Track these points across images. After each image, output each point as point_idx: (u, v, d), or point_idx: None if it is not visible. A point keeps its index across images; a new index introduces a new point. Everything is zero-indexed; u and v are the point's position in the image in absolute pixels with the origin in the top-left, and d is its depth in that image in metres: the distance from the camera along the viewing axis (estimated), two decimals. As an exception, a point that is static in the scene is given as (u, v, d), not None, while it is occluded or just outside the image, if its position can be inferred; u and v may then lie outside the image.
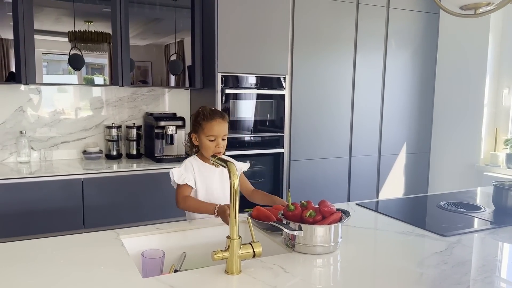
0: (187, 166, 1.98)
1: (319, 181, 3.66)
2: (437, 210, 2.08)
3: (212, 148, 1.91)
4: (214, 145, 1.91)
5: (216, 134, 1.90)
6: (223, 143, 1.93)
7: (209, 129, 1.91)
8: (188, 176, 1.94)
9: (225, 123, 1.95)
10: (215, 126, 1.91)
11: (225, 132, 1.94)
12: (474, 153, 3.86)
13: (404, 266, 1.40)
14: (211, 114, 1.94)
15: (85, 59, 3.04)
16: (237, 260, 1.30)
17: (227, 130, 1.96)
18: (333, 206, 1.54)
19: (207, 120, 1.93)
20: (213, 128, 1.90)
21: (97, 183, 2.89)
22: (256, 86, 3.34)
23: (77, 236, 1.64)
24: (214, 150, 1.91)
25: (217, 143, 1.91)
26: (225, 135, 1.94)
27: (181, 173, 1.95)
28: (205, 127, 1.92)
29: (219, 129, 1.91)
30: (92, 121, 3.43)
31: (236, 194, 1.29)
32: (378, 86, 3.88)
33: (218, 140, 1.91)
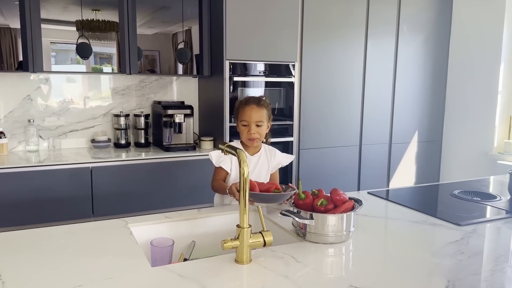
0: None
1: (329, 170, 3.62)
2: (451, 199, 2.03)
3: (245, 133, 1.95)
4: (246, 130, 1.94)
5: (248, 119, 1.93)
6: (257, 130, 1.95)
7: (241, 114, 1.97)
8: (225, 159, 1.97)
9: (260, 109, 1.96)
10: (247, 111, 1.94)
11: (260, 118, 1.94)
12: (487, 141, 3.79)
13: (418, 256, 1.37)
14: (246, 100, 1.99)
15: (93, 48, 3.01)
16: (248, 249, 1.28)
17: (265, 117, 1.97)
18: (345, 195, 1.50)
19: (241, 106, 1.99)
20: (245, 113, 1.95)
21: (105, 172, 2.88)
22: (265, 73, 3.30)
23: (86, 224, 1.62)
24: (246, 136, 1.95)
25: (249, 129, 1.94)
26: (260, 121, 1.95)
27: (219, 156, 1.99)
28: (239, 112, 1.98)
29: (251, 114, 1.94)
30: (100, 109, 3.42)
31: (246, 182, 1.25)
32: (390, 73, 3.81)
33: (250, 126, 1.94)
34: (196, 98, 3.67)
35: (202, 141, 3.33)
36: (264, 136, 2.00)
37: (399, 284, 1.17)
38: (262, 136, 1.97)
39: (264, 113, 1.95)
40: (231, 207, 1.89)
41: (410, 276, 1.22)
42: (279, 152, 2.11)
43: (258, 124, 1.94)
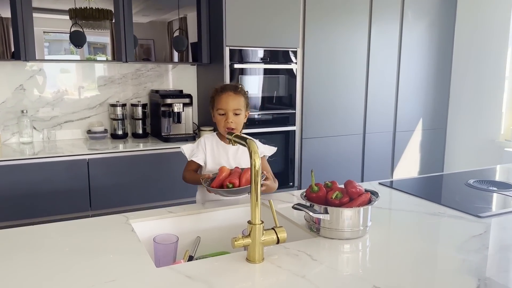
0: (200, 143, 1.92)
1: (332, 159, 3.52)
2: (467, 189, 1.95)
3: (222, 123, 1.83)
4: (223, 119, 1.82)
5: (225, 108, 1.80)
6: (235, 119, 1.82)
7: (218, 102, 1.83)
8: (198, 153, 1.88)
9: (237, 96, 1.83)
10: (224, 98, 1.82)
11: (237, 106, 1.81)
12: (493, 128, 3.70)
13: (442, 251, 1.28)
14: (223, 87, 1.86)
15: (87, 37, 2.89)
16: (260, 247, 1.18)
17: (243, 105, 1.84)
18: (361, 187, 1.41)
19: (217, 93, 1.86)
20: (221, 101, 1.82)
21: (103, 164, 2.78)
22: (266, 60, 3.18)
23: (84, 221, 1.52)
24: (224, 125, 1.82)
25: (226, 117, 1.81)
26: (238, 110, 1.82)
27: (192, 149, 1.90)
28: (216, 100, 1.85)
29: (227, 101, 1.81)
30: (96, 99, 3.30)
31: (257, 175, 1.16)
32: (394, 59, 3.70)
33: (228, 114, 1.81)
34: (195, 87, 3.56)
35: (202, 131, 3.23)
36: (242, 126, 1.87)
37: (426, 284, 1.09)
38: (240, 126, 1.85)
39: (242, 101, 1.83)
40: (238, 199, 1.79)
41: (436, 274, 1.13)
42: (260, 143, 1.93)
43: (236, 113, 1.81)
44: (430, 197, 1.79)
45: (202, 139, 1.93)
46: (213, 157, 1.89)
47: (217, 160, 1.88)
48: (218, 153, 1.89)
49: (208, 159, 1.88)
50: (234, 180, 1.61)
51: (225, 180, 1.63)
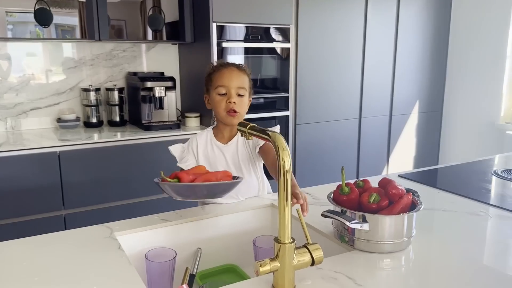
0: (191, 144, 1.58)
1: (327, 145, 3.28)
2: (498, 181, 1.73)
3: (223, 104, 1.48)
4: (224, 100, 1.48)
5: (227, 84, 1.47)
6: (239, 100, 1.48)
7: (218, 79, 1.49)
8: (187, 157, 1.54)
9: (241, 73, 1.51)
10: (226, 74, 1.48)
11: (241, 84, 1.49)
12: (493, 110, 3.53)
13: (504, 267, 1.04)
14: (223, 63, 1.53)
15: (54, 17, 2.53)
16: (291, 272, 0.92)
17: (247, 86, 1.52)
18: (401, 186, 1.16)
19: (217, 69, 1.51)
20: (222, 76, 1.48)
21: (76, 156, 2.45)
22: (257, 38, 2.88)
23: (57, 235, 1.22)
24: (225, 107, 1.48)
25: (228, 97, 1.47)
26: (242, 89, 1.49)
27: (182, 151, 1.56)
28: (214, 77, 1.50)
29: (230, 78, 1.47)
30: (66, 83, 2.93)
31: (287, 180, 0.88)
32: (391, 39, 3.46)
33: (230, 93, 1.47)
34: (177, 69, 3.23)
35: (187, 117, 2.92)
36: (245, 112, 1.54)
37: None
38: (244, 111, 1.52)
39: (246, 81, 1.51)
40: (244, 203, 1.51)
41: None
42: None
43: (240, 93, 1.48)
44: (461, 192, 1.56)
45: (195, 139, 1.58)
46: (207, 161, 1.54)
47: (213, 165, 1.53)
48: (213, 156, 1.54)
49: (201, 161, 1.54)
50: (182, 175, 1.16)
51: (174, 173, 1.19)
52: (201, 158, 1.54)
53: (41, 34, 2.58)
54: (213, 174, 1.21)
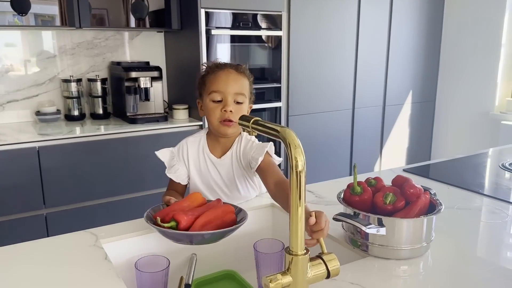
0: (181, 149, 1.39)
1: (320, 137, 3.18)
2: (509, 174, 1.64)
3: (217, 113, 1.27)
4: (219, 108, 1.27)
5: (223, 90, 1.26)
6: (236, 108, 1.27)
7: (212, 83, 1.28)
8: (177, 165, 1.36)
9: (240, 77, 1.29)
10: (222, 77, 1.27)
11: (240, 89, 1.27)
12: (487, 100, 3.47)
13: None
14: (219, 64, 1.32)
15: (32, 5, 2.36)
16: (305, 287, 0.81)
17: (247, 91, 1.31)
18: (418, 185, 1.05)
19: (211, 71, 1.30)
20: (218, 80, 1.27)
21: (56, 152, 2.30)
22: (248, 26, 2.74)
23: (37, 245, 1.09)
24: (219, 117, 1.28)
25: (224, 104, 1.26)
26: (241, 95, 1.28)
27: (171, 157, 1.38)
28: (208, 81, 1.30)
29: (227, 82, 1.26)
30: (45, 74, 2.76)
31: (300, 180, 0.76)
32: (384, 28, 3.36)
33: (227, 100, 1.26)
34: (163, 58, 3.08)
35: (175, 109, 2.78)
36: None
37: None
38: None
39: (246, 85, 1.31)
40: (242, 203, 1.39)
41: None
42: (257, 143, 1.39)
43: (238, 100, 1.27)
44: (472, 187, 1.47)
45: (185, 146, 1.38)
46: (199, 174, 1.36)
47: (205, 177, 1.36)
48: (205, 170, 1.36)
49: (192, 174, 1.36)
50: (181, 216, 1.00)
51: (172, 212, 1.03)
52: (192, 170, 1.37)
53: (19, 23, 2.41)
54: (213, 210, 1.05)
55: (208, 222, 1.01)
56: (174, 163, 1.35)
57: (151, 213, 1.08)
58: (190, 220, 1.00)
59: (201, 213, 1.03)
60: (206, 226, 1.01)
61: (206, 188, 1.38)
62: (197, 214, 1.02)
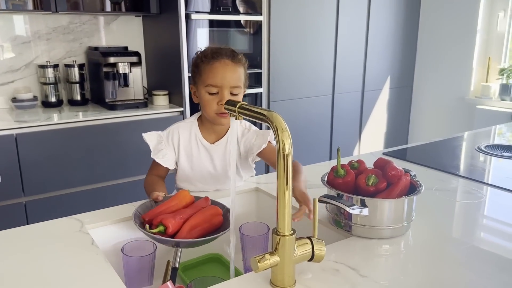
0: (171, 134, 1.37)
1: (301, 122, 3.21)
2: (484, 157, 1.70)
3: (213, 105, 1.26)
4: (216, 100, 1.26)
5: (220, 83, 1.24)
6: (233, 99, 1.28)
7: (208, 75, 1.25)
8: (165, 150, 1.33)
9: (236, 67, 1.27)
10: (218, 70, 1.24)
11: (236, 82, 1.26)
12: (463, 85, 3.55)
13: (504, 250, 1.00)
14: (215, 52, 1.27)
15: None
16: (291, 267, 0.83)
17: (243, 80, 1.30)
18: (399, 167, 1.08)
19: (207, 61, 1.26)
20: (214, 73, 1.24)
21: (34, 139, 2.26)
22: (228, 10, 2.72)
23: (20, 232, 1.08)
24: (215, 110, 1.27)
25: (221, 97, 1.25)
26: (237, 88, 1.26)
27: (159, 141, 1.35)
28: (204, 72, 1.27)
29: (224, 74, 1.24)
30: (20, 59, 2.69)
31: (287, 163, 0.78)
32: (363, 14, 3.38)
33: (223, 93, 1.25)
34: (142, 43, 3.03)
35: (155, 95, 2.76)
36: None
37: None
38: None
39: (242, 75, 1.29)
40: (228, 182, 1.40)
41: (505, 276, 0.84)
42: (254, 129, 1.40)
43: (234, 92, 1.26)
44: (449, 169, 1.52)
45: (176, 131, 1.36)
46: (189, 160, 1.36)
47: (196, 163, 1.36)
48: (198, 156, 1.36)
49: (182, 160, 1.35)
50: (169, 220, 1.00)
51: (160, 216, 1.03)
52: (182, 155, 1.36)
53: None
54: (201, 213, 1.05)
55: (196, 226, 1.02)
56: (162, 148, 1.33)
57: (139, 212, 1.07)
58: (178, 224, 1.01)
59: (189, 215, 1.04)
60: (194, 229, 1.02)
61: (196, 174, 1.37)
62: (185, 217, 1.03)
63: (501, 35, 3.37)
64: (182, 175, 1.38)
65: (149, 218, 1.05)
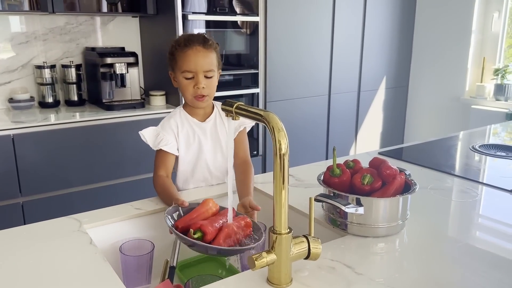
0: (168, 123, 1.40)
1: (298, 122, 3.22)
2: (478, 156, 1.72)
3: (190, 89, 1.34)
4: (192, 84, 1.34)
5: (193, 69, 1.33)
6: (207, 82, 1.34)
7: (182, 62, 1.34)
8: (166, 137, 1.37)
9: (208, 53, 1.34)
10: (191, 56, 1.32)
11: (209, 66, 1.34)
12: (458, 85, 3.57)
13: (498, 248, 1.02)
14: (187, 40, 1.35)
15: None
16: (288, 265, 0.84)
17: (215, 63, 1.37)
18: (393, 166, 1.09)
19: (180, 49, 1.35)
20: (187, 59, 1.33)
21: (31, 139, 2.26)
22: (225, 11, 2.73)
23: (19, 231, 1.09)
24: (192, 93, 1.35)
25: (196, 82, 1.33)
26: (210, 71, 1.35)
27: (156, 134, 1.37)
28: (178, 59, 1.35)
29: (196, 60, 1.32)
30: (17, 60, 2.69)
31: (284, 163, 0.79)
32: (359, 14, 3.40)
33: (198, 77, 1.33)
34: (138, 43, 3.04)
35: (152, 96, 2.76)
36: (215, 92, 1.40)
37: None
38: (213, 91, 1.38)
39: (214, 58, 1.37)
40: (221, 186, 1.42)
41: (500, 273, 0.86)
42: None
43: (208, 75, 1.35)
44: (444, 168, 1.53)
45: (171, 119, 1.41)
46: (186, 141, 1.40)
47: (193, 145, 1.40)
48: (193, 135, 1.40)
49: (181, 145, 1.40)
50: (207, 227, 0.99)
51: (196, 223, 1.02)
52: (181, 138, 1.40)
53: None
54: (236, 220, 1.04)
55: (228, 236, 1.00)
56: (163, 137, 1.36)
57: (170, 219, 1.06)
58: (215, 232, 1.00)
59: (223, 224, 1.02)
60: (229, 238, 1.00)
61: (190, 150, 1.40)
62: (220, 226, 1.02)
63: (496, 35, 3.40)
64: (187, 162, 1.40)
65: (182, 225, 1.03)
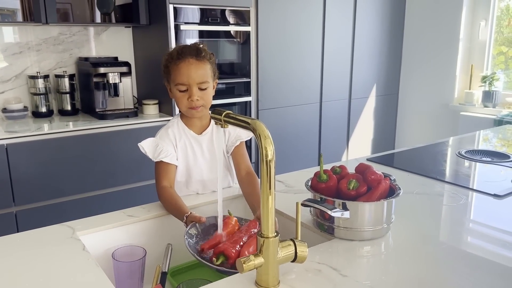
0: (166, 134, 1.41)
1: (290, 130, 3.26)
2: (464, 162, 1.76)
3: (184, 101, 1.35)
4: (186, 97, 1.34)
5: (186, 82, 1.33)
6: (202, 94, 1.34)
7: (176, 75, 1.34)
8: (166, 147, 1.37)
9: (201, 64, 1.34)
10: (183, 69, 1.32)
11: (202, 78, 1.34)
12: (447, 92, 3.63)
13: (481, 250, 1.05)
14: (180, 52, 1.35)
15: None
16: (275, 268, 0.87)
17: (210, 74, 1.37)
18: (378, 171, 1.13)
19: (173, 61, 1.35)
20: (180, 72, 1.33)
21: (25, 149, 2.28)
22: (217, 21, 2.78)
23: (12, 239, 1.11)
24: (186, 105, 1.35)
25: (190, 94, 1.33)
26: (204, 83, 1.34)
27: (156, 145, 1.38)
28: (172, 71, 1.36)
29: (189, 73, 1.32)
30: (10, 70, 2.72)
31: (270, 169, 0.82)
32: (349, 24, 3.46)
33: (191, 90, 1.33)
34: (131, 53, 3.07)
35: (145, 105, 2.79)
36: (211, 102, 1.39)
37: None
38: (209, 102, 1.38)
39: (208, 69, 1.36)
40: (214, 193, 1.45)
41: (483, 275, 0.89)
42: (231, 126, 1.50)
43: (202, 87, 1.35)
44: (430, 173, 1.57)
45: (168, 130, 1.41)
46: (183, 153, 1.41)
47: (188, 158, 1.41)
48: (190, 148, 1.41)
49: (179, 156, 1.40)
50: (230, 251, 1.01)
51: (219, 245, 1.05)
52: (179, 149, 1.41)
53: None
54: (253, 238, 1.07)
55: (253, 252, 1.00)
56: (162, 147, 1.37)
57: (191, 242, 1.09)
58: (238, 253, 1.02)
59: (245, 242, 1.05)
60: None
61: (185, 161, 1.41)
62: (242, 244, 1.04)
63: (483, 43, 3.47)
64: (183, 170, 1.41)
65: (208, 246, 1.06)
